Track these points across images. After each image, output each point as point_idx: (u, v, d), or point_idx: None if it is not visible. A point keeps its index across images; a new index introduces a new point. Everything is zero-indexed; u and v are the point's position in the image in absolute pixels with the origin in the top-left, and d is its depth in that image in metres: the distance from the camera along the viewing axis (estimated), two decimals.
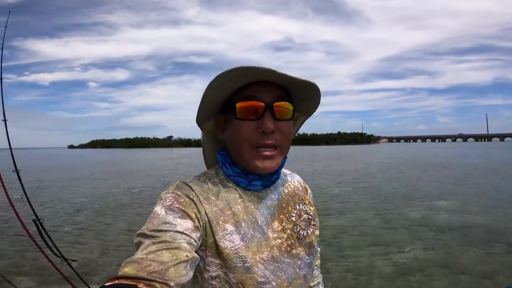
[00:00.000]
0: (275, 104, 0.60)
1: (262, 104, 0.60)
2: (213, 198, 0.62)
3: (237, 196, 0.64)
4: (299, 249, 0.66)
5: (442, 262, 3.96)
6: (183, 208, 0.57)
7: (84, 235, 5.54)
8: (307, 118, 0.74)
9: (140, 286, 0.42)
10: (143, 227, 0.53)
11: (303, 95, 0.65)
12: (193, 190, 0.61)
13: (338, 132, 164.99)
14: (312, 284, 0.80)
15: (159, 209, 0.56)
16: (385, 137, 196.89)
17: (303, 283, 0.66)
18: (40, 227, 2.14)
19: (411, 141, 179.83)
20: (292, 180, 0.76)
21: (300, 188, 0.76)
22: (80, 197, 9.58)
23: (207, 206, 0.60)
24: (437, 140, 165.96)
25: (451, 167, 16.47)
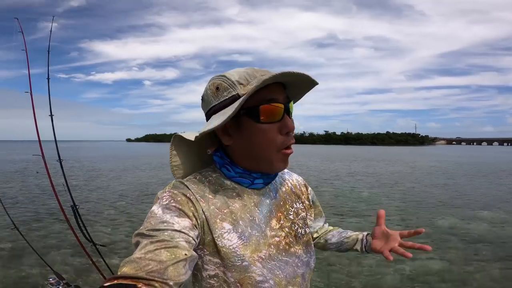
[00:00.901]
0: (290, 104, 0.62)
1: (282, 105, 0.60)
2: (210, 196, 0.62)
3: (234, 194, 0.64)
4: (297, 247, 0.67)
5: (456, 276, 3.63)
6: (180, 207, 0.57)
7: (118, 221, 6.07)
8: None
9: (139, 285, 0.42)
10: (141, 227, 0.53)
11: (293, 94, 0.66)
12: (189, 189, 0.61)
13: (387, 132, 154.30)
14: (328, 230, 0.88)
15: (156, 209, 0.56)
16: (443, 139, 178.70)
17: (301, 281, 0.66)
18: (76, 213, 2.27)
19: (475, 143, 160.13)
20: (290, 178, 0.76)
21: (298, 186, 0.76)
22: (123, 185, 10.67)
23: (204, 205, 0.60)
24: (506, 144, 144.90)
25: None
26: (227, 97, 0.60)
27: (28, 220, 5.92)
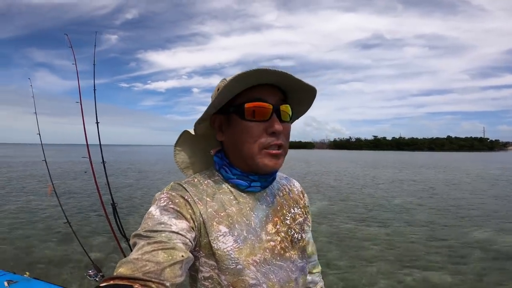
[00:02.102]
0: (281, 107, 0.62)
1: (271, 106, 0.61)
2: (207, 199, 0.62)
3: (231, 197, 0.64)
4: (292, 252, 0.66)
5: None
6: (178, 209, 0.57)
7: None
8: (295, 119, 0.74)
9: (136, 286, 0.42)
10: (139, 228, 0.54)
11: (297, 100, 0.66)
12: (187, 191, 0.61)
13: (448, 136, 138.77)
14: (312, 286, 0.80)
15: (154, 210, 0.56)
16: None
17: (295, 286, 0.65)
18: (115, 210, 2.41)
19: None
20: (288, 183, 0.76)
21: (296, 192, 0.76)
22: (162, 186, 11.59)
23: (202, 207, 0.60)
24: None
25: None
26: (216, 97, 0.63)
27: (75, 215, 6.57)
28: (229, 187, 0.65)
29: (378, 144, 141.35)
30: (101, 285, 0.42)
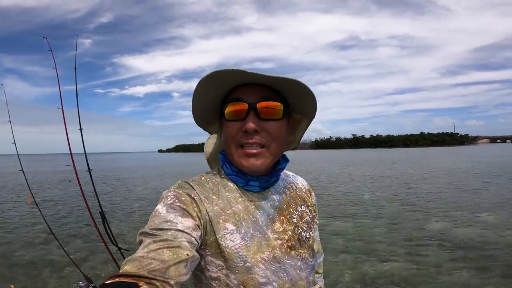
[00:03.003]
0: (259, 104, 0.61)
1: (246, 105, 0.60)
2: (214, 197, 0.62)
3: (237, 195, 0.64)
4: (301, 250, 0.66)
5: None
6: (184, 207, 0.57)
7: (142, 226, 6.61)
8: (309, 122, 0.72)
9: (141, 284, 0.42)
10: (145, 226, 0.54)
11: (293, 95, 0.64)
12: (194, 189, 0.62)
13: (421, 132, 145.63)
14: None
15: (160, 208, 0.57)
16: (486, 137, 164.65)
17: (306, 285, 0.65)
18: (104, 219, 2.34)
19: None
20: (295, 181, 0.76)
21: (304, 190, 0.76)
22: (147, 192, 11.36)
23: (208, 205, 0.60)
24: None
25: None
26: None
27: (60, 225, 6.41)
28: (235, 185, 0.66)
29: (357, 142, 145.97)
30: (106, 282, 0.42)
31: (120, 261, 2.40)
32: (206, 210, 0.60)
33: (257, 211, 0.64)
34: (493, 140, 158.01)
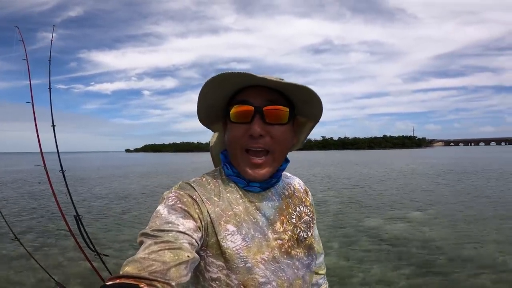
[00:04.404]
0: (265, 108, 0.60)
1: (252, 108, 0.60)
2: (215, 198, 0.63)
3: (238, 196, 0.65)
4: (298, 250, 0.67)
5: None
6: (185, 208, 0.57)
7: (120, 230, 6.04)
8: (314, 124, 0.72)
9: (142, 285, 0.42)
10: (146, 227, 0.54)
11: (300, 99, 0.64)
12: (195, 190, 0.62)
13: (384, 135, 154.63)
14: None
15: (161, 209, 0.57)
16: (441, 140, 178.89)
17: (302, 284, 0.66)
18: (79, 223, 2.24)
19: (472, 144, 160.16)
20: (292, 182, 0.77)
21: (301, 190, 0.76)
22: (106, 192, 10.95)
23: (210, 207, 0.61)
24: (504, 143, 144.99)
25: (488, 174, 14.67)
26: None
27: (30, 231, 6.02)
28: (236, 186, 0.66)
29: (326, 144, 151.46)
30: (107, 283, 0.42)
31: (99, 266, 2.33)
32: (207, 212, 0.60)
33: (258, 212, 0.64)
34: (447, 143, 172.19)
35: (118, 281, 0.43)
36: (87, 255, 2.28)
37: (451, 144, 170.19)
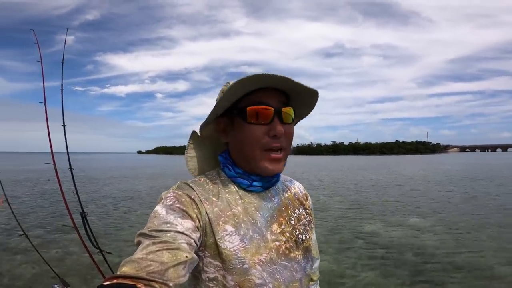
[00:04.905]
0: (283, 109, 0.63)
1: (272, 109, 0.62)
2: (213, 198, 0.63)
3: (237, 197, 0.65)
4: (296, 252, 0.67)
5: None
6: (184, 208, 0.57)
7: (124, 228, 6.21)
8: (298, 121, 0.76)
9: (139, 286, 0.42)
10: (144, 227, 0.54)
11: (301, 101, 0.67)
12: (194, 190, 0.62)
13: (396, 141, 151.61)
14: None
15: (160, 209, 0.57)
16: (456, 146, 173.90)
17: (299, 286, 0.66)
18: (84, 220, 2.27)
19: (489, 150, 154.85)
20: (292, 185, 0.77)
21: (300, 194, 0.77)
22: (116, 193, 11.28)
23: (208, 207, 0.61)
24: None
25: (500, 181, 14.19)
26: (218, 100, 0.65)
27: (37, 226, 6.29)
28: (235, 186, 0.66)
29: (336, 149, 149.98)
30: (104, 283, 0.42)
31: (102, 264, 2.36)
32: (206, 212, 0.60)
33: (257, 212, 0.65)
34: (462, 149, 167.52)
35: (115, 281, 0.43)
36: (90, 251, 2.32)
37: (467, 150, 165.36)
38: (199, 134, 0.72)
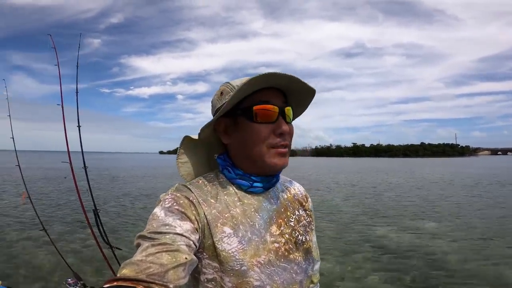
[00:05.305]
0: (286, 108, 0.65)
1: (277, 108, 0.63)
2: (212, 200, 0.63)
3: (236, 199, 0.65)
4: (296, 254, 0.66)
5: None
6: (182, 210, 0.57)
7: (135, 226, 6.34)
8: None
9: None
10: (144, 229, 0.54)
11: (297, 101, 0.68)
12: (192, 192, 0.62)
13: (421, 143, 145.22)
14: None
15: (158, 211, 0.57)
16: (487, 149, 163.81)
17: None
18: (97, 216, 2.34)
19: None
20: (292, 186, 0.77)
21: (300, 195, 0.76)
22: (138, 192, 11.65)
23: (206, 208, 0.61)
24: None
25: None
26: (227, 100, 0.63)
27: (53, 221, 6.52)
28: (234, 188, 0.66)
29: (357, 151, 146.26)
30: (104, 286, 0.42)
31: (112, 260, 2.39)
32: (204, 214, 0.60)
33: (256, 214, 0.64)
34: (494, 152, 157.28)
35: (115, 283, 0.43)
36: (101, 247, 2.39)
37: (499, 153, 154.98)
38: (194, 138, 0.71)
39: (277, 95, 0.64)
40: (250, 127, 0.63)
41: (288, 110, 0.65)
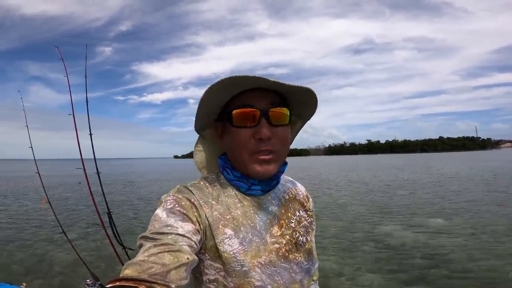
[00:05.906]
0: (271, 110, 0.61)
1: (257, 111, 0.60)
2: (213, 202, 0.63)
3: (236, 200, 0.65)
4: (297, 254, 0.67)
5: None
6: (184, 211, 0.58)
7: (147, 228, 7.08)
8: (304, 123, 0.74)
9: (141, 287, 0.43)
10: (146, 230, 0.54)
11: (299, 100, 0.65)
12: (193, 194, 0.63)
13: (440, 137, 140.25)
14: None
15: (160, 212, 0.57)
16: (510, 141, 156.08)
17: None
18: (110, 219, 2.44)
19: None
20: (293, 187, 0.77)
21: (302, 196, 0.76)
22: (151, 195, 12.01)
23: (208, 210, 0.61)
24: None
25: None
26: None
27: (71, 225, 6.80)
28: (234, 190, 0.66)
29: (371, 148, 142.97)
30: (107, 286, 0.43)
31: (126, 261, 2.53)
32: (205, 215, 0.61)
33: (256, 216, 0.65)
34: None
35: (118, 283, 0.43)
36: (115, 247, 2.48)
37: None
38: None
39: (264, 97, 0.61)
40: (232, 132, 0.62)
41: (278, 111, 0.62)
